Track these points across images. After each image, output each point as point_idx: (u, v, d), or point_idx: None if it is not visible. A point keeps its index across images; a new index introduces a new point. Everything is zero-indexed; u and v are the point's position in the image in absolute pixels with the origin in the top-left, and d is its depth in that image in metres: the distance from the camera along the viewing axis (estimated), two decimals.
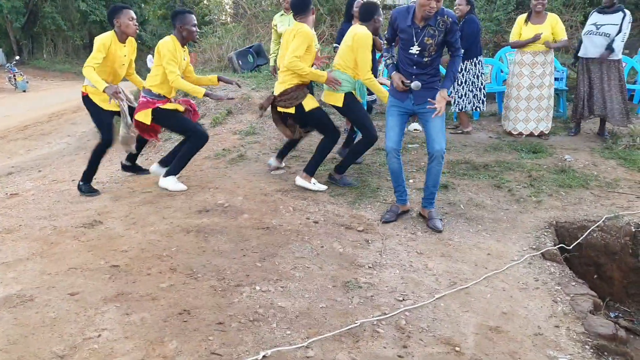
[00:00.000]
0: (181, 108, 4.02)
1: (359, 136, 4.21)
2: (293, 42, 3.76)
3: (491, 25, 9.89)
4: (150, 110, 3.90)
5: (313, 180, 4.00)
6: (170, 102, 3.99)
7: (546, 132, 5.49)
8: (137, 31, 3.98)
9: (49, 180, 4.84)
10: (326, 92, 3.99)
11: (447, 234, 3.26)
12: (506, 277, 2.77)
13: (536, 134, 5.47)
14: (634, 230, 3.38)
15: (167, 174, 4.03)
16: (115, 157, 6.46)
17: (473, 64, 5.56)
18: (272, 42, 5.81)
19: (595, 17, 5.23)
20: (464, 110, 5.76)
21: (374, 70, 5.37)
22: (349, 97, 3.90)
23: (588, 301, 2.52)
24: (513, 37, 5.47)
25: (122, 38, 3.91)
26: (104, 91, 3.68)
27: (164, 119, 3.96)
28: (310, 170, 3.99)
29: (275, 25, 5.65)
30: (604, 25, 5.14)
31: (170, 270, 2.71)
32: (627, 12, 5.10)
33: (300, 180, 3.99)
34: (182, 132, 4.13)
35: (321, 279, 2.66)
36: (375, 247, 3.04)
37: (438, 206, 3.57)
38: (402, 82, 3.16)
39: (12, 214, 3.69)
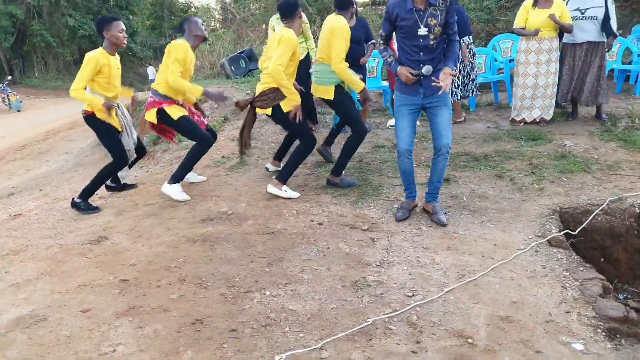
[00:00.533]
0: (185, 111, 4.02)
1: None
2: (278, 49, 3.68)
3: (482, 14, 9.89)
4: (155, 109, 3.92)
5: (284, 187, 3.89)
6: (177, 104, 3.99)
7: (547, 119, 5.48)
8: (126, 42, 3.96)
9: (51, 199, 4.84)
10: (315, 85, 3.95)
11: (452, 227, 3.27)
12: (514, 266, 2.78)
13: (537, 121, 5.46)
14: (638, 211, 3.38)
15: (171, 180, 4.02)
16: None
17: (465, 44, 5.45)
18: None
19: (576, 2, 5.17)
20: (459, 100, 5.78)
21: (364, 72, 5.39)
22: (338, 89, 3.88)
23: (597, 285, 2.53)
24: (519, 22, 5.35)
25: (112, 50, 3.89)
26: (104, 105, 3.69)
27: (169, 119, 3.94)
28: (284, 177, 3.91)
29: (273, 27, 5.68)
30: (589, 8, 5.10)
31: (179, 281, 2.72)
32: None
33: (271, 188, 3.88)
34: (187, 134, 4.14)
35: (330, 279, 2.67)
36: (381, 245, 3.05)
37: (441, 200, 3.58)
38: (411, 73, 3.10)
39: (17, 234, 3.70)
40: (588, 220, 3.36)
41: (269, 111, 3.84)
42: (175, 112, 3.94)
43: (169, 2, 27.81)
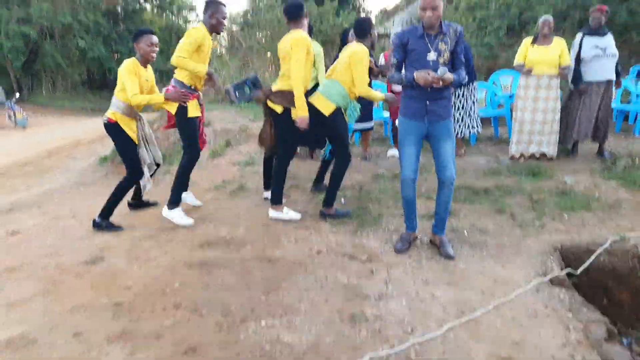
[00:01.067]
0: (199, 113, 4.03)
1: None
2: (292, 53, 3.69)
3: (483, 50, 10.09)
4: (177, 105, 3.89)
5: (285, 208, 3.98)
6: (198, 99, 4.00)
7: (550, 157, 5.47)
8: (154, 57, 3.96)
9: (50, 217, 4.81)
10: (318, 95, 3.92)
11: (453, 261, 3.23)
12: (515, 304, 2.73)
13: (537, 156, 5.48)
14: None
15: (170, 205, 4.00)
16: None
17: (469, 89, 5.64)
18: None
19: (594, 40, 5.22)
20: (462, 136, 5.81)
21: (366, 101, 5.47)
22: (339, 111, 3.90)
23: (602, 328, 2.48)
24: (518, 59, 5.44)
25: (143, 62, 3.93)
26: (166, 99, 3.76)
27: (182, 118, 3.91)
28: (276, 199, 3.98)
29: None
30: (608, 47, 5.19)
31: (174, 307, 2.67)
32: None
33: (272, 212, 3.97)
34: (187, 137, 4.01)
35: (327, 312, 2.62)
36: (381, 277, 3.01)
37: None
38: (429, 73, 3.00)
39: (14, 252, 3.66)
40: (590, 260, 3.33)
41: (279, 109, 3.86)
42: (192, 110, 3.92)
43: (177, 27, 28.39)
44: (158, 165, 4.49)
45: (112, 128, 3.93)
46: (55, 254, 3.52)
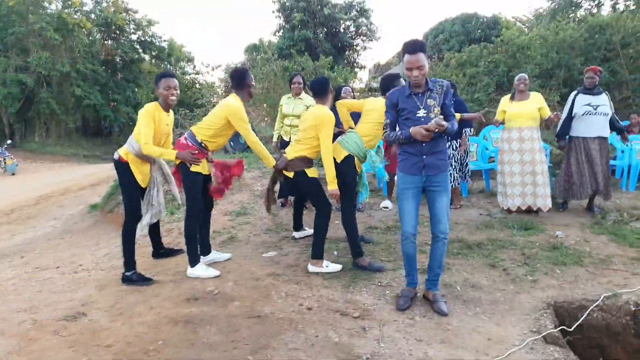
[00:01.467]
0: (206, 171, 3.95)
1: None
2: (324, 131, 3.84)
3: (473, 105, 10.37)
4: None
5: (325, 262, 3.96)
6: (206, 159, 3.95)
7: (545, 210, 5.48)
8: (173, 100, 3.88)
9: (32, 268, 4.70)
10: (337, 145, 4.02)
11: (446, 318, 3.16)
12: None
13: (534, 209, 5.48)
14: (633, 309, 3.31)
15: (191, 264, 3.91)
16: (102, 240, 6.36)
17: (463, 139, 5.77)
18: (277, 120, 6.14)
19: (586, 98, 5.35)
20: (458, 185, 5.90)
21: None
22: (351, 159, 3.96)
23: None
24: (497, 117, 5.63)
25: (165, 107, 3.89)
26: (177, 157, 3.75)
27: (185, 171, 3.87)
28: (317, 254, 3.96)
29: (281, 106, 6.02)
30: (600, 105, 5.33)
31: None
32: (607, 92, 5.42)
33: (312, 268, 3.95)
34: (186, 194, 3.95)
35: None
36: (373, 335, 2.92)
37: None
38: (424, 128, 3.07)
39: None
40: (584, 317, 3.27)
41: (290, 174, 3.99)
42: (195, 166, 3.86)
43: None
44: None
45: (121, 166, 3.85)
46: (33, 309, 3.39)
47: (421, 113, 3.18)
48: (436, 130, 3.08)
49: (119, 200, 7.90)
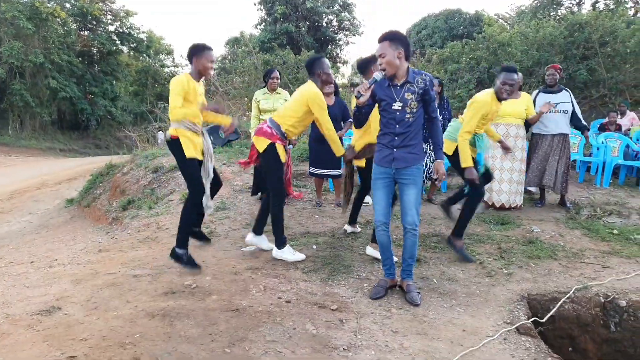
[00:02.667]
0: (284, 159, 3.98)
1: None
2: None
3: (454, 102, 10.47)
4: (268, 141, 3.85)
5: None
6: (286, 146, 4.03)
7: (517, 206, 5.60)
8: (211, 75, 3.94)
9: (5, 263, 4.61)
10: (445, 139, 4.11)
11: (422, 310, 3.21)
12: (482, 354, 2.71)
13: (507, 207, 5.57)
14: (603, 300, 3.41)
15: (279, 245, 4.04)
16: (79, 235, 6.27)
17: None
18: (253, 117, 6.00)
19: (547, 97, 5.59)
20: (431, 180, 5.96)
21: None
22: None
23: None
24: None
25: (197, 77, 3.81)
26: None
27: (274, 156, 3.88)
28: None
29: (259, 102, 5.87)
30: (560, 103, 5.52)
31: None
32: (568, 90, 5.54)
33: (370, 250, 4.15)
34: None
35: None
36: (350, 327, 2.95)
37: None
38: (363, 85, 3.16)
39: None
40: (555, 308, 3.36)
41: (362, 163, 4.22)
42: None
43: (153, 71, 28.58)
44: (218, 183, 4.21)
45: (175, 144, 3.73)
46: (6, 304, 3.33)
47: (396, 106, 3.21)
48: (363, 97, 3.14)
49: (96, 195, 7.80)
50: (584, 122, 5.69)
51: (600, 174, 6.90)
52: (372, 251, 4.12)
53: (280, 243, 4.03)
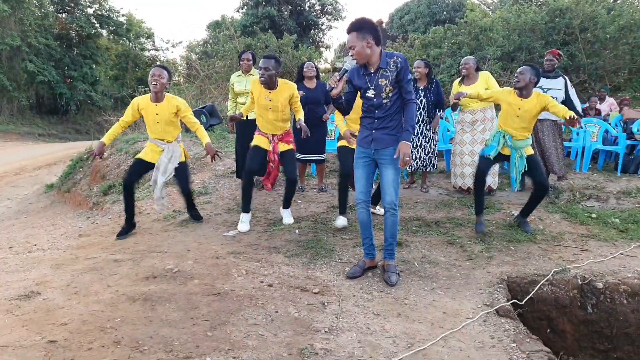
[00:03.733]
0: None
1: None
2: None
3: None
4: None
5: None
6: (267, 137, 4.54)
7: (494, 187, 5.69)
8: (154, 88, 4.22)
9: None
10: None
11: (403, 293, 3.24)
12: (462, 335, 2.75)
13: (494, 189, 5.66)
14: (580, 283, 3.48)
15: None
16: (59, 220, 6.18)
17: (439, 114, 5.73)
18: (230, 100, 5.92)
19: (541, 81, 5.45)
20: (416, 171, 5.93)
21: (324, 132, 5.68)
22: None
23: (543, 358, 2.53)
24: (451, 100, 5.72)
25: (153, 97, 4.30)
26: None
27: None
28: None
29: (233, 84, 5.78)
30: (551, 89, 5.45)
31: (113, 344, 2.52)
32: (565, 77, 5.52)
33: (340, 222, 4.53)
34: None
35: (276, 347, 2.54)
36: (332, 310, 2.97)
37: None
38: (334, 77, 3.20)
39: None
40: (534, 291, 3.42)
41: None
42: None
43: (134, 55, 28.03)
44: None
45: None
46: None
47: (370, 93, 3.24)
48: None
49: (76, 180, 7.67)
50: (577, 109, 5.67)
51: (580, 158, 7.01)
52: (340, 222, 4.49)
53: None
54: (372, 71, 3.21)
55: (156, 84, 4.15)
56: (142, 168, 4.44)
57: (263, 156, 4.44)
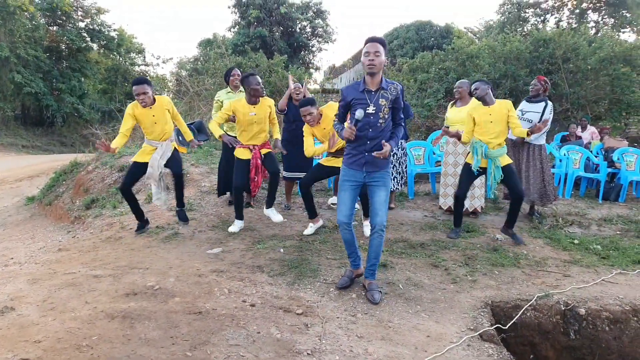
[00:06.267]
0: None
1: None
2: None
3: (423, 110, 10.61)
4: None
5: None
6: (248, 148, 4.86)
7: (479, 210, 5.73)
8: (141, 103, 4.48)
9: None
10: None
11: (387, 315, 3.21)
12: None
13: (470, 211, 5.70)
14: (563, 308, 3.49)
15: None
16: (38, 233, 6.05)
17: (399, 147, 5.79)
18: (214, 117, 5.84)
19: (522, 105, 5.68)
20: (396, 190, 5.97)
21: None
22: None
23: None
24: (447, 122, 5.83)
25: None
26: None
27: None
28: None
29: (221, 101, 5.74)
30: (528, 112, 5.57)
31: None
32: (550, 102, 5.62)
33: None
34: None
35: None
36: (315, 332, 2.92)
37: (378, 286, 3.54)
38: (350, 128, 3.26)
39: None
40: (518, 316, 3.42)
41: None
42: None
43: (124, 69, 27.99)
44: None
45: None
46: None
47: (370, 109, 3.28)
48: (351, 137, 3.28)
49: (58, 193, 7.55)
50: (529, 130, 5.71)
51: (563, 185, 7.11)
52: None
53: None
54: (373, 90, 3.26)
55: (144, 103, 4.46)
56: (138, 170, 4.67)
57: (247, 167, 4.75)
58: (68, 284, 3.47)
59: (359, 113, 3.24)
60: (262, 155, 4.83)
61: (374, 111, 3.26)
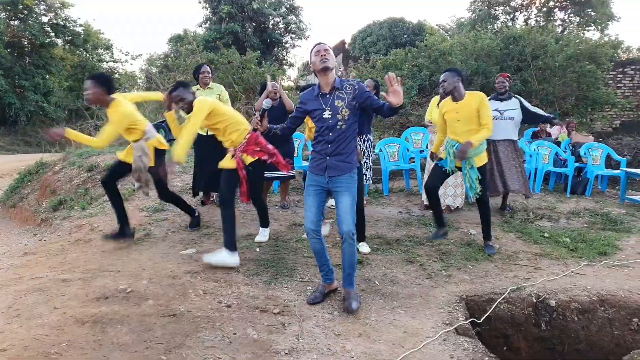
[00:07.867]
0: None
1: None
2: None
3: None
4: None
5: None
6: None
7: (460, 207, 5.84)
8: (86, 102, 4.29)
9: None
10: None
11: (364, 312, 3.21)
12: (423, 355, 2.74)
13: (452, 209, 5.80)
14: (535, 301, 3.56)
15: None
16: (2, 237, 5.83)
17: (362, 140, 5.76)
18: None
19: (495, 104, 5.62)
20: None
21: (292, 149, 5.67)
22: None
23: None
24: (427, 117, 5.97)
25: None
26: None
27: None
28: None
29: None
30: (507, 110, 5.65)
31: None
32: (518, 97, 5.74)
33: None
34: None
35: None
36: (292, 331, 2.90)
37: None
38: (256, 118, 3.24)
39: None
40: (491, 309, 3.47)
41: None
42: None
43: (91, 66, 27.24)
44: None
45: None
46: None
47: (326, 114, 3.17)
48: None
49: (23, 195, 7.30)
50: (545, 114, 5.82)
51: (533, 179, 7.27)
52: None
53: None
54: (327, 92, 3.17)
55: (87, 101, 4.20)
56: (121, 168, 4.48)
57: (235, 176, 4.14)
58: (35, 289, 3.35)
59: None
60: (247, 165, 4.16)
61: (330, 115, 3.15)
